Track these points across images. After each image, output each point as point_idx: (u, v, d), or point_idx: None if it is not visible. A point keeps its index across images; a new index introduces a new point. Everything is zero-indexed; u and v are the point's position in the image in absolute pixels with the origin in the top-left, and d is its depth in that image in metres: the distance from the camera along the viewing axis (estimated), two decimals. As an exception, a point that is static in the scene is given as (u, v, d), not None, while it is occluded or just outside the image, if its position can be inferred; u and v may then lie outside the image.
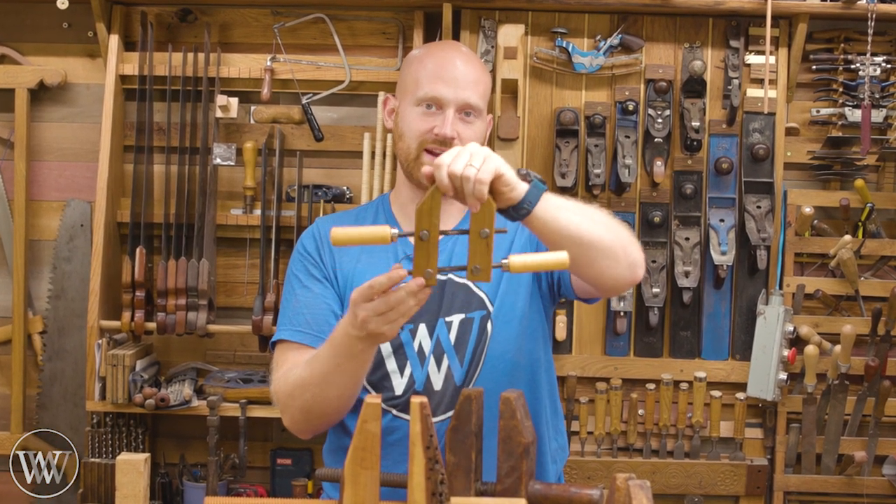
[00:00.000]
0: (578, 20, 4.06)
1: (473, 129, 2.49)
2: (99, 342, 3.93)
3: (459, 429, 2.00)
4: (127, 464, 3.52)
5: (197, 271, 3.99)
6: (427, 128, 2.45)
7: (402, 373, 2.50)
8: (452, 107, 2.45)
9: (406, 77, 2.54)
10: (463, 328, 2.50)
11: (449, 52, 2.55)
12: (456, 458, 2.00)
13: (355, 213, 2.72)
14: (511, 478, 1.99)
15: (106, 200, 3.99)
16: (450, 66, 2.48)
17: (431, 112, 2.46)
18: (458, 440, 2.00)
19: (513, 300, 2.55)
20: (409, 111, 2.49)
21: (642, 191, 4.07)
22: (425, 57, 2.53)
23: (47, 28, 4.18)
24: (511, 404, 1.98)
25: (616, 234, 2.33)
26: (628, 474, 1.94)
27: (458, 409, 2.00)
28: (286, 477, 4.07)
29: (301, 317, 2.50)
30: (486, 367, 2.52)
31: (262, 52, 4.11)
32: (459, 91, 2.45)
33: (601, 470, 4.05)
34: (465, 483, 1.99)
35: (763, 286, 4.07)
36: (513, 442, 1.99)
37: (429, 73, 2.48)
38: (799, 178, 4.14)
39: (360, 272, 2.51)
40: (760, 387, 4.01)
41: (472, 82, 2.49)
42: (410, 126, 2.48)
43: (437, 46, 2.65)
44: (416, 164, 2.46)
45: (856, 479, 4.07)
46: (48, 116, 4.21)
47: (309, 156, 4.15)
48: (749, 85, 4.04)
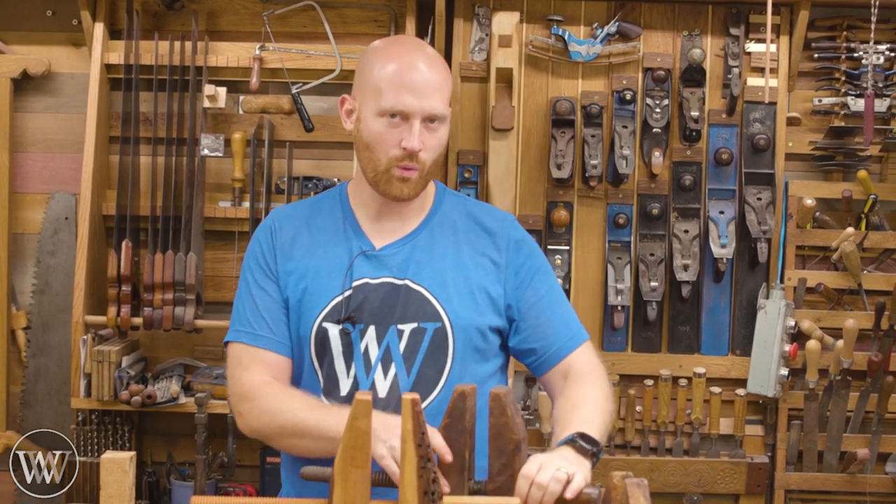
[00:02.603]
0: (575, 7, 4.02)
1: (438, 136, 2.39)
2: (84, 338, 3.89)
3: (453, 427, 1.97)
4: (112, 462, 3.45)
5: (184, 265, 3.95)
6: (395, 141, 2.35)
7: (348, 373, 2.42)
8: (418, 118, 2.35)
9: (366, 79, 2.41)
10: (414, 338, 2.41)
11: (412, 55, 2.41)
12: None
13: (311, 202, 2.63)
14: (503, 475, 1.97)
15: (91, 193, 3.96)
16: (413, 73, 2.36)
17: (396, 122, 2.35)
18: (451, 438, 1.97)
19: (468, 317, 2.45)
20: (373, 121, 2.37)
21: (640, 182, 4.03)
22: (386, 60, 2.39)
23: (30, 16, 4.13)
24: (501, 401, 1.95)
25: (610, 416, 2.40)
26: (625, 472, 1.92)
27: (452, 407, 1.97)
28: (276, 476, 3.95)
29: (260, 321, 2.44)
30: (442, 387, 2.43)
31: (251, 40, 4.07)
32: (424, 101, 2.35)
33: (598, 468, 3.91)
34: (459, 481, 1.97)
35: (764, 280, 4.03)
36: (504, 439, 1.96)
37: (392, 82, 2.35)
38: (800, 170, 4.11)
39: (315, 267, 2.45)
40: (761, 383, 3.97)
41: (437, 89, 2.38)
42: (377, 139, 2.36)
43: (399, 48, 2.49)
44: (384, 176, 2.37)
45: (858, 476, 4.04)
46: (32, 107, 4.17)
47: (299, 147, 4.11)
48: (749, 74, 4.01)
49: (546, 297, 2.47)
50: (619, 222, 3.98)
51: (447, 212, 2.49)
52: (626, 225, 3.99)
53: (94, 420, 3.96)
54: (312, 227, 2.47)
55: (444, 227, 2.48)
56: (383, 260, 2.41)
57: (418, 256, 2.45)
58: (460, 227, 2.49)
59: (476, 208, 2.56)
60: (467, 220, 2.49)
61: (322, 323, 2.38)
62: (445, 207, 2.50)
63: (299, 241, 2.46)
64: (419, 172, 2.35)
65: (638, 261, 3.98)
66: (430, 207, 2.49)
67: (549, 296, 2.47)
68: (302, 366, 2.43)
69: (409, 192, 2.36)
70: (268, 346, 2.42)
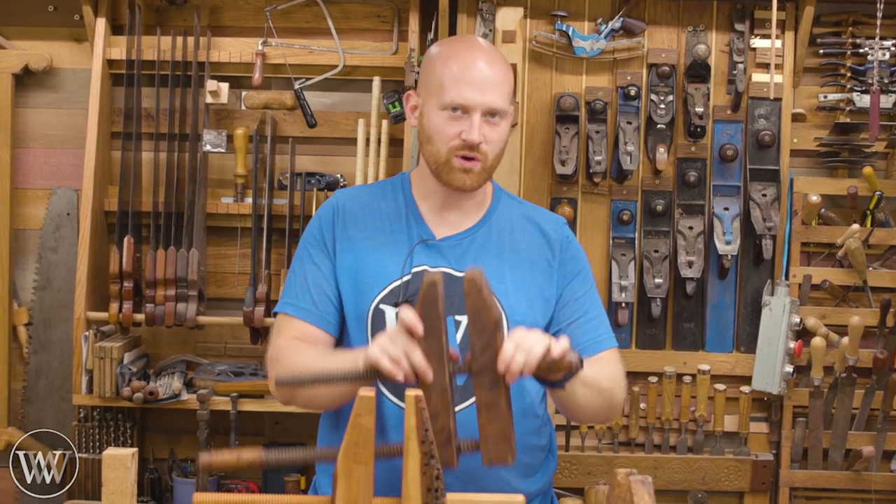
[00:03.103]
0: (579, 3, 4.00)
1: (499, 130, 2.50)
2: (86, 334, 3.87)
3: (427, 314, 2.01)
4: (114, 459, 3.44)
5: (186, 261, 3.93)
6: (454, 133, 2.46)
7: None
8: (479, 112, 2.46)
9: (430, 76, 2.54)
10: None
11: (474, 52, 2.54)
12: (427, 344, 2.01)
13: (373, 188, 2.72)
14: (486, 354, 2.00)
15: (93, 188, 3.94)
16: (475, 69, 2.48)
17: (458, 116, 2.47)
18: (427, 326, 2.01)
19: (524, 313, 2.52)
20: (436, 114, 2.49)
21: (644, 178, 4.01)
22: (449, 58, 2.52)
23: (32, 11, 4.12)
24: (476, 283, 1.99)
25: (608, 405, 2.50)
26: (630, 470, 1.93)
27: (423, 296, 2.00)
28: (278, 472, 4.03)
29: (308, 295, 2.52)
30: None
31: (254, 35, 4.05)
32: (485, 95, 2.46)
33: (602, 465, 3.98)
34: (439, 366, 2.01)
35: (769, 276, 4.01)
36: (483, 319, 1.99)
37: (454, 77, 2.48)
38: (805, 166, 4.08)
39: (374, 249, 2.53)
40: (766, 380, 3.95)
41: (498, 84, 2.50)
42: (438, 131, 2.49)
43: (462, 46, 2.61)
44: (445, 167, 2.48)
45: (863, 474, 4.01)
46: (33, 102, 4.16)
47: (301, 142, 4.09)
48: (754, 69, 3.99)
49: (582, 299, 2.57)
50: (623, 219, 3.96)
51: (504, 211, 2.60)
52: (631, 221, 3.97)
53: (96, 417, 3.94)
54: (375, 211, 2.56)
55: (501, 226, 2.57)
56: (442, 250, 2.50)
57: (476, 250, 2.55)
58: (517, 226, 2.58)
59: (531, 210, 2.68)
60: (523, 221, 2.57)
61: (379, 304, 2.45)
62: (502, 207, 2.61)
63: (361, 222, 2.55)
64: (481, 164, 2.45)
65: (642, 257, 3.96)
66: (488, 205, 2.60)
67: (585, 297, 2.58)
68: (356, 344, 2.47)
69: (472, 182, 2.46)
70: (309, 318, 2.51)
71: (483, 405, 2.01)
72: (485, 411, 2.01)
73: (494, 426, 2.01)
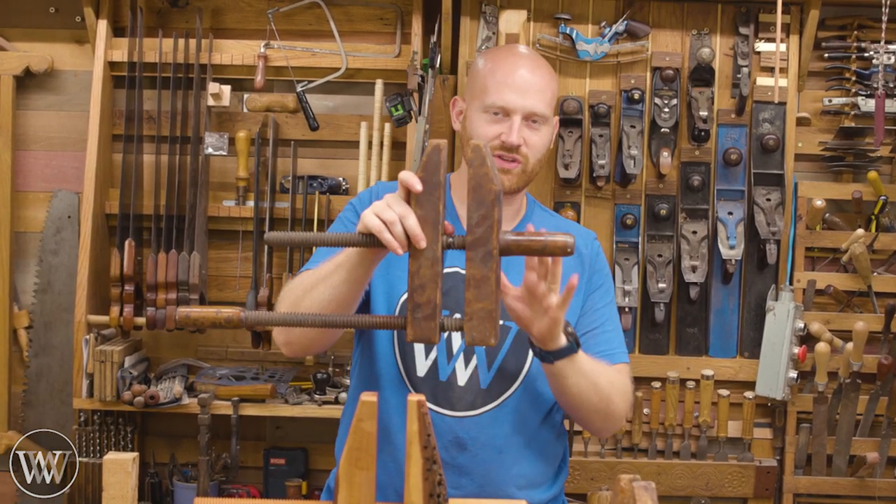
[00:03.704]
0: (582, 6, 3.99)
1: (540, 135, 2.56)
2: (87, 337, 3.86)
3: (427, 180, 1.94)
4: (114, 463, 3.43)
5: (188, 265, 3.92)
6: (494, 134, 2.53)
7: (427, 356, 2.53)
8: (519, 114, 2.52)
9: (475, 82, 2.62)
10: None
11: (517, 59, 2.61)
12: (423, 210, 1.94)
13: None
14: (482, 227, 1.93)
15: (94, 191, 3.93)
16: (518, 75, 2.55)
17: (498, 119, 2.54)
18: (426, 191, 1.94)
19: None
20: (477, 117, 2.57)
21: (648, 182, 3.99)
22: (494, 64, 2.60)
23: (33, 13, 4.11)
24: (481, 151, 1.94)
25: (605, 409, 2.48)
26: (633, 475, 1.92)
27: (426, 161, 1.94)
28: (279, 477, 4.04)
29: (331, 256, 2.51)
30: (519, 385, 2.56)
31: (256, 38, 4.04)
32: (527, 99, 2.53)
33: (605, 471, 3.97)
34: (433, 235, 1.94)
35: (773, 281, 4.00)
36: (483, 190, 1.93)
37: (497, 81, 2.55)
38: (810, 170, 4.07)
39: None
40: (770, 385, 3.94)
41: (540, 90, 2.56)
42: (478, 131, 2.55)
43: (508, 52, 2.73)
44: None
45: (868, 480, 4.00)
46: (34, 104, 4.15)
47: (304, 146, 4.08)
48: (759, 73, 3.97)
49: (602, 311, 2.62)
50: (626, 223, 3.95)
51: (538, 222, 2.64)
52: (634, 225, 3.96)
53: (97, 420, 3.93)
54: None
55: None
56: None
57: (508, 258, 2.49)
58: None
59: (563, 224, 2.78)
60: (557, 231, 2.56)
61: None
62: (536, 218, 2.67)
63: None
64: (521, 167, 2.53)
65: (646, 262, 3.95)
66: (523, 214, 2.67)
67: (604, 310, 2.63)
68: (383, 339, 2.52)
69: (510, 183, 2.53)
70: None
71: (473, 280, 1.93)
72: (474, 287, 1.93)
73: (482, 304, 1.93)
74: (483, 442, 2.48)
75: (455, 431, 2.47)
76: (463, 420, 2.48)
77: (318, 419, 3.88)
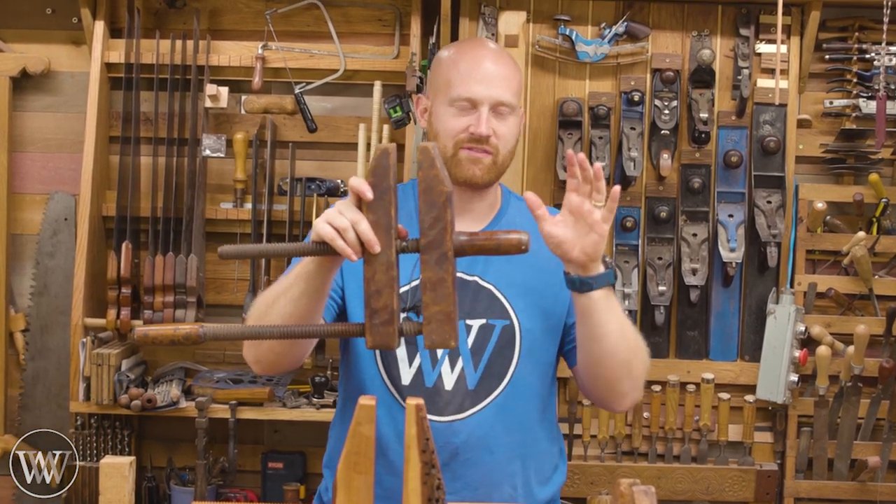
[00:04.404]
0: (582, 7, 3.97)
1: (508, 125, 2.52)
2: (83, 341, 3.85)
3: (378, 185, 1.92)
4: (111, 467, 3.42)
5: (185, 267, 3.91)
6: (462, 126, 2.49)
7: (411, 363, 2.49)
8: (486, 105, 2.49)
9: (438, 77, 2.59)
10: (482, 334, 2.50)
11: (480, 50, 2.59)
12: (375, 215, 1.93)
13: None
14: (435, 229, 1.93)
15: (91, 193, 3.92)
16: (482, 65, 2.53)
17: (466, 111, 2.50)
18: (377, 196, 1.93)
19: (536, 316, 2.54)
20: (444, 111, 2.53)
21: (648, 185, 3.98)
22: (457, 57, 2.57)
23: (30, 14, 4.10)
24: (429, 153, 1.92)
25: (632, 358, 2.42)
26: (633, 480, 1.92)
27: (375, 166, 1.92)
28: (277, 481, 4.03)
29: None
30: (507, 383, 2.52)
31: (254, 39, 4.03)
32: (493, 89, 2.50)
33: (605, 475, 3.95)
34: (387, 240, 1.93)
35: (773, 284, 3.99)
36: (434, 192, 1.92)
37: (461, 74, 2.52)
38: (811, 172, 4.06)
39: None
40: (770, 389, 3.92)
41: (505, 79, 2.53)
42: (445, 126, 2.52)
43: (469, 45, 2.71)
44: (452, 160, 2.50)
45: (869, 485, 3.98)
46: (31, 106, 4.13)
47: (302, 147, 4.07)
48: (759, 75, 3.96)
49: None
50: (626, 225, 3.93)
51: (514, 214, 2.60)
52: (634, 228, 3.94)
53: (94, 424, 3.92)
54: None
55: (512, 226, 2.53)
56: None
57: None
58: (528, 229, 2.51)
59: None
60: (534, 224, 2.52)
61: None
62: (512, 210, 2.61)
63: None
64: (492, 158, 2.47)
65: (646, 265, 3.93)
66: (499, 207, 2.61)
67: None
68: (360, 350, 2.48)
69: (481, 175, 2.48)
70: None
71: (429, 283, 1.92)
72: (430, 290, 1.92)
73: (439, 306, 1.92)
74: (474, 444, 2.45)
75: (445, 437, 2.43)
76: (452, 424, 2.45)
77: (316, 423, 3.86)
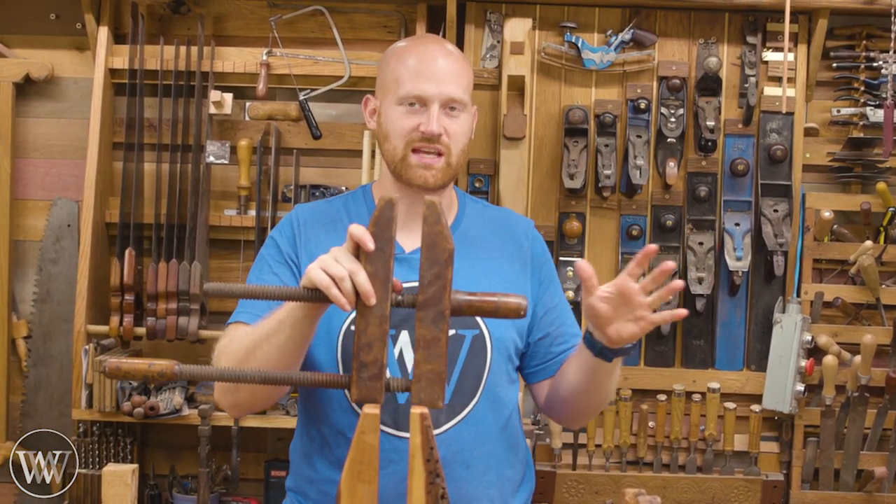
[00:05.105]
0: (588, 14, 3.97)
1: (459, 123, 2.43)
2: (86, 347, 3.84)
3: (379, 237, 1.90)
4: (114, 475, 3.44)
5: (189, 274, 3.90)
6: (412, 126, 2.40)
7: None
8: (437, 102, 2.40)
9: (386, 75, 2.49)
10: (452, 345, 2.40)
11: (428, 46, 2.50)
12: (373, 267, 1.90)
13: (334, 202, 2.62)
14: (435, 286, 1.90)
15: (94, 200, 3.91)
16: (431, 62, 2.43)
17: (415, 110, 2.41)
18: (378, 248, 1.91)
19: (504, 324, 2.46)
20: (392, 111, 2.43)
21: (654, 193, 3.97)
22: (404, 53, 2.48)
23: (34, 19, 4.09)
24: (436, 208, 1.90)
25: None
26: (638, 489, 1.94)
27: (378, 216, 1.90)
28: (280, 490, 3.94)
29: (264, 304, 2.36)
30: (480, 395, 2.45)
31: (258, 45, 4.03)
32: (443, 86, 2.40)
33: (609, 484, 3.92)
34: (383, 293, 1.90)
35: (780, 293, 3.97)
36: (437, 248, 1.90)
37: (410, 71, 2.42)
38: (818, 181, 4.05)
39: None
40: (776, 399, 3.91)
41: (455, 75, 2.44)
42: (395, 125, 2.42)
43: (416, 41, 2.59)
44: (403, 164, 2.40)
45: (876, 495, 3.96)
46: (34, 111, 4.13)
47: (306, 154, 4.06)
48: (766, 83, 3.96)
49: (559, 306, 2.53)
50: (632, 234, 3.92)
51: (472, 217, 2.52)
52: (640, 236, 3.93)
53: (96, 432, 3.91)
54: (338, 225, 2.44)
55: (471, 234, 2.49)
56: (413, 264, 2.31)
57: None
58: (488, 232, 2.50)
59: (498, 213, 2.61)
60: (493, 226, 2.49)
61: (351, 326, 2.31)
62: (469, 212, 2.53)
63: (324, 238, 2.41)
64: (445, 159, 2.37)
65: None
66: (456, 210, 2.52)
67: (560, 305, 2.54)
68: (326, 366, 2.37)
69: (434, 179, 2.37)
70: None
71: (423, 341, 1.89)
72: (423, 348, 1.90)
73: (431, 365, 1.90)
74: (450, 459, 2.36)
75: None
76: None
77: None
